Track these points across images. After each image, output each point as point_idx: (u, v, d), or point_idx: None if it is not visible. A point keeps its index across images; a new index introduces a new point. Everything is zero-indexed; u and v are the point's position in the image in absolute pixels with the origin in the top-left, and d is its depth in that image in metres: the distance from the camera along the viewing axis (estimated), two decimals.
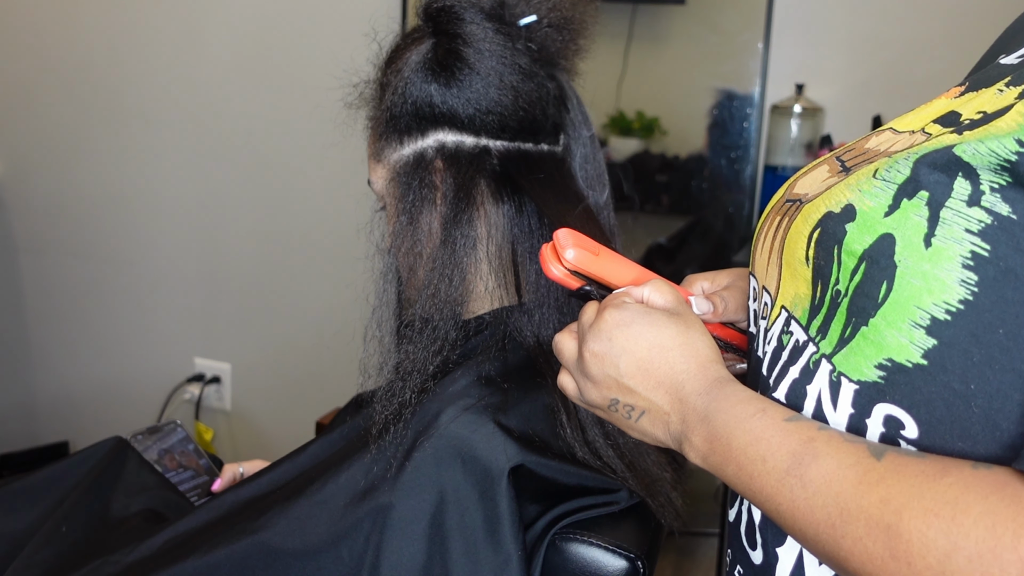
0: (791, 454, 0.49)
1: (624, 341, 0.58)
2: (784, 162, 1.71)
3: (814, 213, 0.53)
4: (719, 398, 0.54)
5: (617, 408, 0.60)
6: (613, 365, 0.59)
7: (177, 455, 1.17)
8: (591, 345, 0.60)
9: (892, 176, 0.48)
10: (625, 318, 0.59)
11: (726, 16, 1.83)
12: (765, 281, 0.60)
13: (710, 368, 0.57)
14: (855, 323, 0.49)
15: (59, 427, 2.47)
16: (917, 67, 1.68)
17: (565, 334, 0.65)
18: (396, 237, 0.86)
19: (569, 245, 0.64)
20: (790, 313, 0.55)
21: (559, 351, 0.65)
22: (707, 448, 0.54)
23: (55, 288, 2.42)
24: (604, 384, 0.60)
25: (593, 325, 0.60)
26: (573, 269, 0.65)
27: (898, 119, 0.61)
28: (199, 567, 0.80)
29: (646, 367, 0.58)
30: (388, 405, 0.80)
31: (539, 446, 0.78)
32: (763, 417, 0.52)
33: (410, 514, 0.75)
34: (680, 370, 0.57)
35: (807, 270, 0.53)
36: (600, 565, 0.78)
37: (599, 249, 0.66)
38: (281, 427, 2.27)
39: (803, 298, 0.54)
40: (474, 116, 0.83)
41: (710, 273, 0.74)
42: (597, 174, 0.95)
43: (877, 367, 0.48)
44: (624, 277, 0.66)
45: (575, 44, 0.91)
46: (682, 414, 0.56)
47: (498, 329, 0.85)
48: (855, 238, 0.49)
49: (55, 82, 2.31)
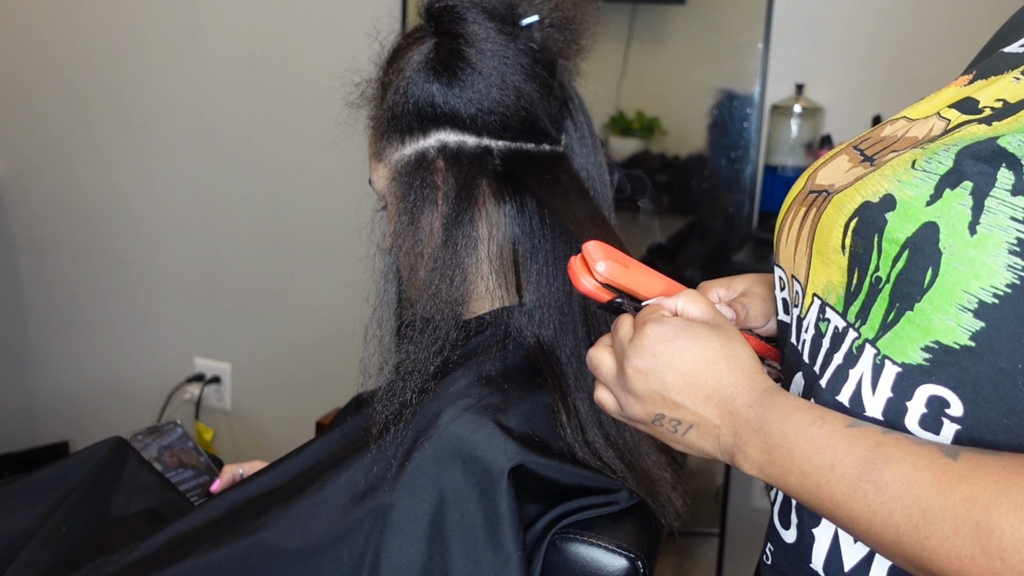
0: (861, 459, 0.49)
1: (669, 356, 0.58)
2: (784, 162, 1.71)
3: (848, 203, 0.54)
4: (772, 408, 0.55)
5: (662, 423, 0.60)
6: (658, 380, 0.59)
7: (177, 454, 1.17)
8: (634, 361, 0.60)
9: (933, 167, 0.50)
10: (668, 333, 0.59)
11: (726, 16, 1.83)
12: (794, 270, 0.61)
13: (757, 379, 0.57)
14: (899, 308, 0.50)
15: (59, 427, 2.47)
16: (917, 67, 1.68)
17: (601, 349, 0.64)
18: (397, 237, 0.86)
19: (600, 257, 0.64)
20: (823, 300, 0.56)
21: (595, 367, 0.64)
22: (765, 459, 0.54)
23: (55, 288, 2.42)
24: (649, 400, 0.60)
25: (635, 340, 0.60)
26: (604, 282, 0.64)
27: (911, 107, 0.62)
28: (199, 567, 0.80)
29: (693, 381, 0.58)
30: (389, 405, 0.80)
31: (539, 446, 0.78)
32: (823, 425, 0.52)
33: (410, 514, 0.75)
34: (728, 383, 0.57)
35: (842, 258, 0.54)
36: (600, 565, 0.78)
37: (629, 261, 0.65)
38: (281, 427, 2.27)
39: (837, 285, 0.54)
40: (476, 116, 0.83)
41: (725, 280, 0.74)
42: (599, 174, 0.95)
43: (923, 350, 0.49)
44: (653, 289, 0.66)
45: (576, 44, 0.91)
46: (733, 427, 0.56)
47: (498, 329, 0.85)
48: (897, 227, 0.50)
49: (55, 82, 2.31)
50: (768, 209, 1.74)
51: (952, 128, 0.53)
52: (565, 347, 0.84)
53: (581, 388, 0.83)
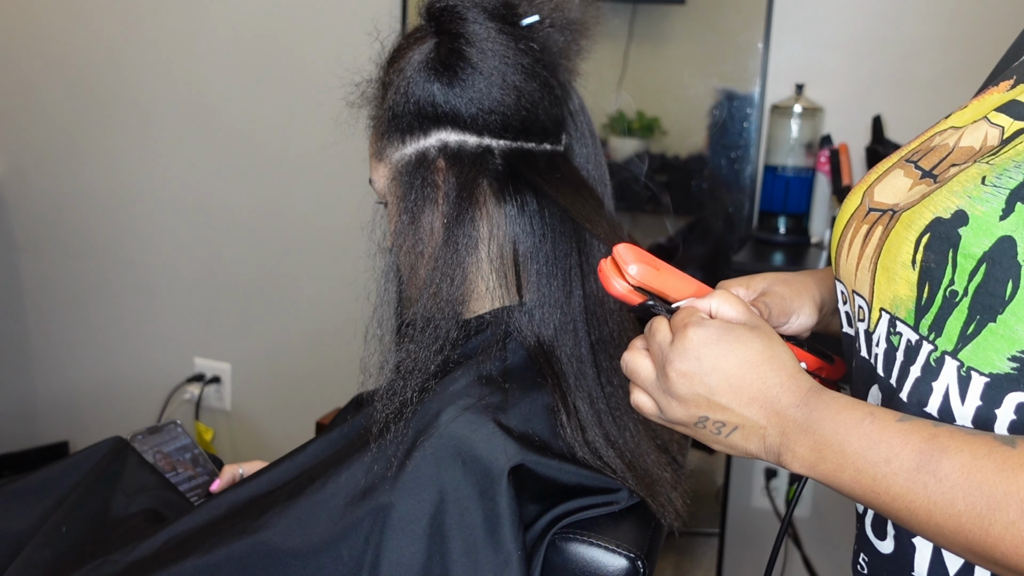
0: (917, 451, 0.50)
1: (714, 359, 0.59)
2: (784, 162, 1.71)
3: (918, 220, 0.54)
4: (819, 407, 0.55)
5: (706, 425, 0.60)
6: (703, 384, 0.59)
7: (177, 454, 1.17)
8: (677, 365, 0.60)
9: (1003, 182, 0.51)
10: (711, 336, 0.59)
11: (726, 16, 1.83)
12: (856, 286, 0.61)
13: (800, 378, 0.58)
14: (980, 320, 0.51)
15: (59, 427, 2.47)
16: (917, 67, 1.68)
17: (636, 353, 0.64)
18: (397, 236, 0.86)
19: (632, 260, 0.64)
20: (892, 315, 0.56)
21: (632, 371, 0.64)
22: (815, 456, 0.55)
23: (55, 288, 2.42)
24: (693, 403, 0.60)
25: (677, 344, 0.60)
26: (636, 285, 0.64)
27: (956, 115, 0.63)
28: (199, 567, 0.80)
29: (738, 383, 0.58)
30: (389, 404, 0.80)
31: (539, 446, 0.78)
32: (875, 420, 0.53)
33: (410, 514, 0.75)
34: (773, 383, 0.58)
35: (911, 273, 0.54)
36: (600, 565, 0.78)
37: (659, 263, 0.65)
38: (281, 427, 2.27)
39: (905, 300, 0.55)
40: (477, 116, 0.83)
41: (744, 279, 0.74)
42: (599, 174, 0.95)
43: (1010, 359, 0.50)
44: (683, 290, 0.66)
45: (577, 44, 0.91)
46: (780, 427, 0.57)
47: (499, 329, 0.85)
48: (972, 241, 0.51)
49: (55, 82, 2.31)
50: (768, 209, 1.74)
51: (1010, 137, 0.54)
52: (565, 347, 0.84)
53: (581, 388, 0.83)
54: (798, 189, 1.72)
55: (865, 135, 1.69)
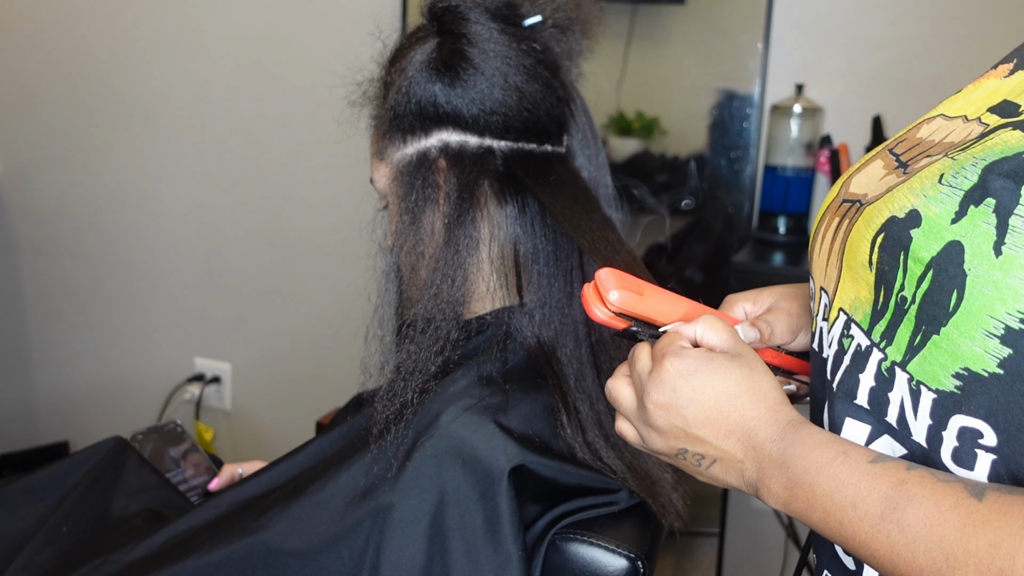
0: (883, 498, 0.48)
1: (690, 391, 0.57)
2: (784, 162, 1.71)
3: (876, 217, 0.52)
4: (795, 443, 0.53)
5: (686, 457, 0.59)
6: (680, 416, 0.57)
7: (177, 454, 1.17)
8: (654, 396, 0.58)
9: (959, 182, 0.48)
10: (688, 367, 0.57)
11: (726, 16, 1.83)
12: (824, 282, 0.59)
13: (780, 411, 0.56)
14: (925, 331, 0.48)
15: (59, 427, 2.47)
16: (917, 67, 1.68)
17: (619, 381, 0.63)
18: (398, 236, 0.86)
19: (613, 286, 0.62)
20: (849, 316, 0.55)
21: (615, 399, 0.63)
22: (788, 495, 0.53)
23: (55, 288, 2.42)
24: (671, 434, 0.58)
25: (653, 375, 0.59)
26: (618, 311, 0.62)
27: (948, 102, 0.60)
28: (199, 566, 0.80)
29: (715, 416, 0.57)
30: (390, 405, 0.80)
31: (539, 446, 0.78)
32: (846, 460, 0.50)
33: (410, 514, 0.75)
34: (751, 416, 0.56)
35: (870, 274, 0.52)
36: (600, 565, 0.78)
37: (643, 287, 0.63)
38: (281, 427, 2.27)
39: (864, 302, 0.53)
40: (478, 116, 0.83)
41: (751, 292, 0.72)
42: (600, 175, 0.95)
43: (954, 376, 0.47)
44: (671, 313, 0.64)
45: (579, 45, 0.91)
46: (757, 461, 0.55)
47: (499, 329, 0.85)
48: (922, 245, 0.48)
49: (55, 82, 2.31)
50: (768, 209, 1.74)
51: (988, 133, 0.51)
52: (566, 348, 0.84)
53: (581, 389, 0.83)
54: (798, 189, 1.72)
55: (865, 135, 1.69)
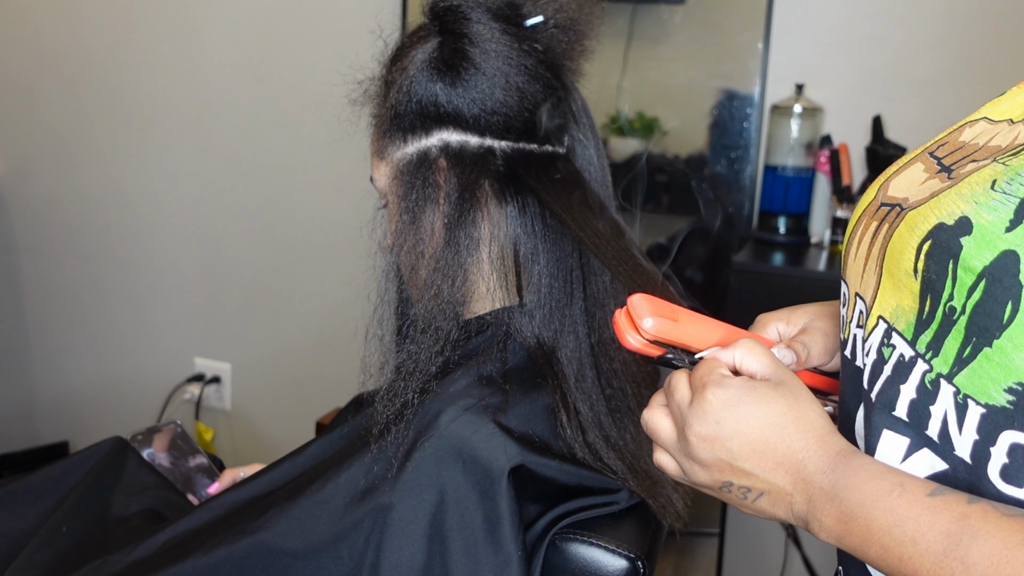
0: (945, 534, 0.46)
1: (734, 423, 0.55)
2: (784, 162, 1.71)
3: (922, 223, 0.50)
4: (847, 474, 0.51)
5: (731, 490, 0.57)
6: (724, 448, 0.55)
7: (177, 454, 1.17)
8: (696, 428, 0.56)
9: (1013, 189, 0.46)
10: (731, 397, 0.55)
11: (726, 16, 1.83)
12: (860, 288, 0.57)
13: (829, 441, 0.54)
14: (976, 343, 0.47)
15: (59, 427, 2.47)
16: (917, 67, 1.68)
17: (656, 411, 0.61)
18: (398, 235, 0.86)
19: (647, 313, 0.59)
20: (890, 325, 0.53)
21: (653, 431, 0.61)
22: (841, 529, 0.51)
23: (55, 288, 2.42)
24: (715, 467, 0.56)
25: (695, 406, 0.56)
26: (653, 339, 0.60)
27: (991, 105, 0.58)
28: (199, 567, 0.80)
29: (761, 448, 0.54)
30: (390, 405, 0.80)
31: (539, 446, 0.78)
32: (903, 493, 0.48)
33: (410, 514, 0.75)
34: (799, 447, 0.54)
35: (914, 282, 0.50)
36: (600, 565, 0.78)
37: (676, 312, 0.61)
38: (281, 427, 2.27)
39: (907, 311, 0.51)
40: (479, 116, 0.83)
41: (784, 312, 0.70)
42: (601, 176, 0.95)
43: (1007, 391, 0.45)
44: (706, 338, 0.61)
45: (580, 45, 0.91)
46: (807, 494, 0.53)
47: (499, 329, 0.85)
48: (973, 253, 0.46)
49: (55, 82, 2.31)
50: (768, 209, 1.74)
51: None
52: (566, 348, 0.84)
53: (582, 389, 0.83)
54: (798, 189, 1.72)
55: (865, 135, 1.69)
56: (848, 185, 1.67)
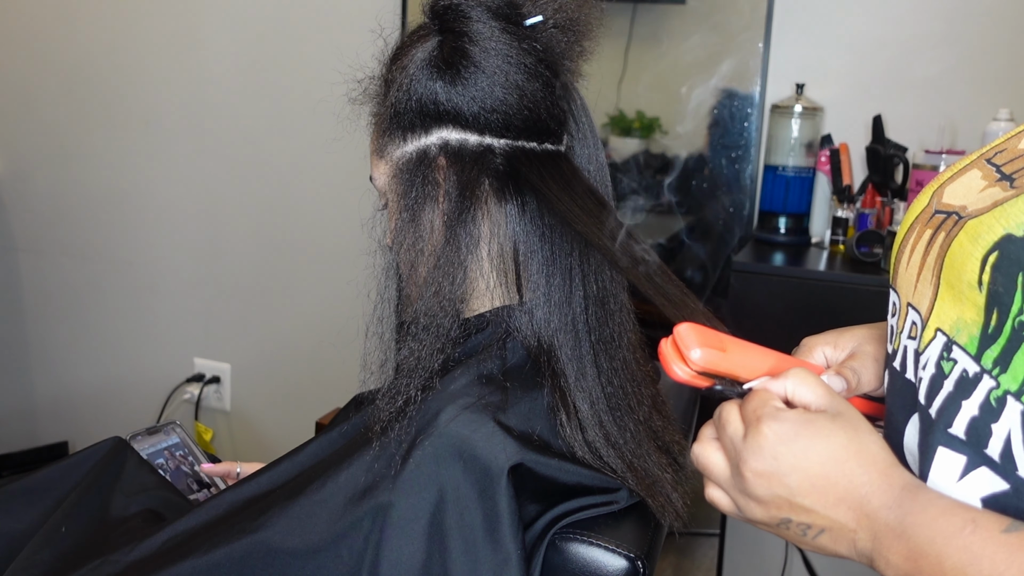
0: None
1: (792, 458, 0.53)
2: (784, 162, 1.71)
3: (986, 233, 0.49)
4: (914, 510, 0.49)
5: (789, 527, 0.55)
6: (783, 485, 0.53)
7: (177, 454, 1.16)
8: (753, 464, 0.54)
9: None
10: (788, 432, 0.53)
11: (726, 16, 1.83)
12: (913, 299, 0.55)
13: (892, 475, 0.52)
14: None
15: (59, 427, 2.47)
16: (917, 67, 1.68)
17: (707, 446, 0.59)
18: (398, 233, 0.86)
19: (694, 344, 0.57)
20: (950, 338, 0.51)
21: (705, 467, 0.59)
22: (911, 567, 0.49)
23: (55, 288, 2.42)
24: (773, 504, 0.54)
25: (750, 440, 0.54)
26: (701, 371, 0.58)
27: None
28: (198, 566, 0.80)
29: (822, 483, 0.52)
30: (393, 402, 0.80)
31: (539, 445, 0.78)
32: (976, 530, 0.47)
33: (410, 513, 0.75)
34: (861, 482, 0.52)
35: (978, 295, 0.48)
36: (600, 565, 0.78)
37: (724, 342, 0.59)
38: (281, 427, 2.27)
39: (970, 324, 0.49)
40: (479, 114, 0.83)
41: (831, 335, 0.68)
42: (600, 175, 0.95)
43: None
44: (755, 367, 0.59)
45: (580, 46, 0.91)
46: (872, 530, 0.51)
47: (499, 328, 0.85)
48: None
49: (55, 82, 2.31)
50: (768, 209, 1.74)
51: None
52: (565, 346, 0.84)
53: (581, 387, 0.83)
54: (798, 189, 1.72)
55: (865, 135, 1.69)
56: (848, 185, 1.67)
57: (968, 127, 1.62)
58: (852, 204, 1.67)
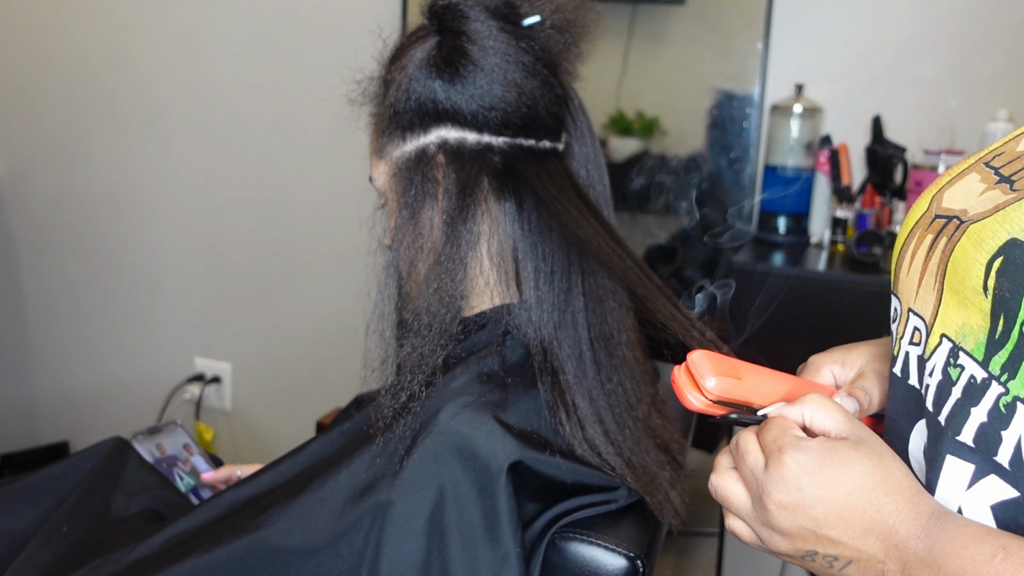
0: None
1: (818, 489, 0.52)
2: (784, 162, 1.71)
3: (990, 238, 0.48)
4: (943, 539, 0.49)
5: (815, 559, 0.54)
6: (808, 517, 0.52)
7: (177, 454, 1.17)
8: (777, 497, 0.53)
9: None
10: (812, 462, 0.52)
11: (726, 16, 1.83)
12: (914, 304, 0.55)
13: (920, 503, 0.51)
14: None
15: (59, 427, 2.47)
16: (917, 67, 1.68)
17: (725, 476, 0.58)
18: (397, 232, 0.86)
19: (709, 372, 0.56)
20: (956, 344, 0.50)
21: (724, 498, 0.58)
22: None
23: (55, 288, 2.42)
24: (798, 536, 0.53)
25: (772, 472, 0.53)
26: (717, 399, 0.57)
27: None
28: (199, 566, 0.80)
29: (848, 514, 0.51)
30: (396, 399, 0.80)
31: (538, 443, 0.78)
32: (1008, 557, 0.46)
33: (409, 511, 0.75)
34: (889, 511, 0.51)
35: (984, 300, 0.48)
36: (600, 564, 0.78)
37: (738, 368, 0.58)
38: (281, 427, 2.27)
39: (976, 330, 0.49)
40: (477, 112, 0.84)
41: (838, 353, 0.67)
42: (598, 174, 0.95)
43: None
44: (769, 393, 0.59)
45: (577, 47, 0.91)
46: (901, 561, 0.50)
47: (498, 326, 0.85)
48: None
49: (55, 82, 2.31)
50: (768, 209, 1.74)
51: None
52: (564, 344, 0.84)
53: (580, 385, 0.83)
54: (798, 189, 1.72)
55: (865, 135, 1.69)
56: (848, 185, 1.67)
57: (967, 127, 1.62)
58: (851, 204, 1.68)
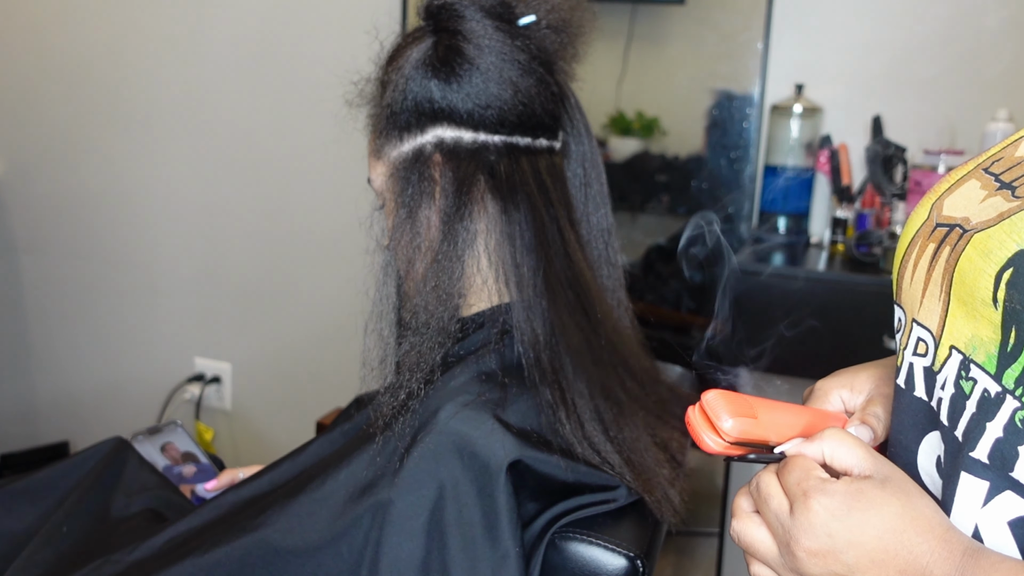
0: None
1: (848, 534, 0.50)
2: (784, 162, 1.71)
3: (998, 248, 0.47)
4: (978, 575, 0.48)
5: None
6: (840, 563, 0.51)
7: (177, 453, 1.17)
8: (806, 544, 0.51)
9: None
10: (840, 506, 0.51)
11: (726, 16, 1.83)
12: (918, 315, 0.54)
13: (952, 540, 0.50)
14: None
15: (59, 427, 2.47)
16: (917, 67, 1.68)
17: (748, 522, 0.56)
18: (395, 231, 0.86)
19: (725, 414, 0.55)
20: (966, 356, 0.50)
21: (748, 545, 0.56)
22: None
23: (55, 288, 2.42)
24: None
25: (799, 517, 0.52)
26: (734, 441, 0.56)
27: None
28: (199, 565, 0.80)
29: (881, 558, 0.50)
30: (395, 397, 0.80)
31: (537, 441, 0.78)
32: None
33: (409, 510, 0.75)
34: (921, 552, 0.49)
35: (994, 312, 0.47)
36: (600, 564, 0.78)
37: (753, 406, 0.57)
38: (281, 427, 2.27)
39: (986, 342, 0.48)
40: (473, 111, 0.84)
41: (844, 378, 0.66)
42: (595, 173, 0.95)
43: None
44: (785, 428, 0.57)
45: (573, 47, 0.91)
46: None
47: (497, 325, 0.85)
48: None
49: (55, 82, 2.31)
50: (768, 209, 1.74)
51: None
52: (563, 342, 0.84)
53: (580, 383, 0.83)
54: (798, 189, 1.72)
55: (865, 135, 1.69)
56: (848, 185, 1.67)
57: (967, 127, 1.62)
58: (851, 204, 1.68)
